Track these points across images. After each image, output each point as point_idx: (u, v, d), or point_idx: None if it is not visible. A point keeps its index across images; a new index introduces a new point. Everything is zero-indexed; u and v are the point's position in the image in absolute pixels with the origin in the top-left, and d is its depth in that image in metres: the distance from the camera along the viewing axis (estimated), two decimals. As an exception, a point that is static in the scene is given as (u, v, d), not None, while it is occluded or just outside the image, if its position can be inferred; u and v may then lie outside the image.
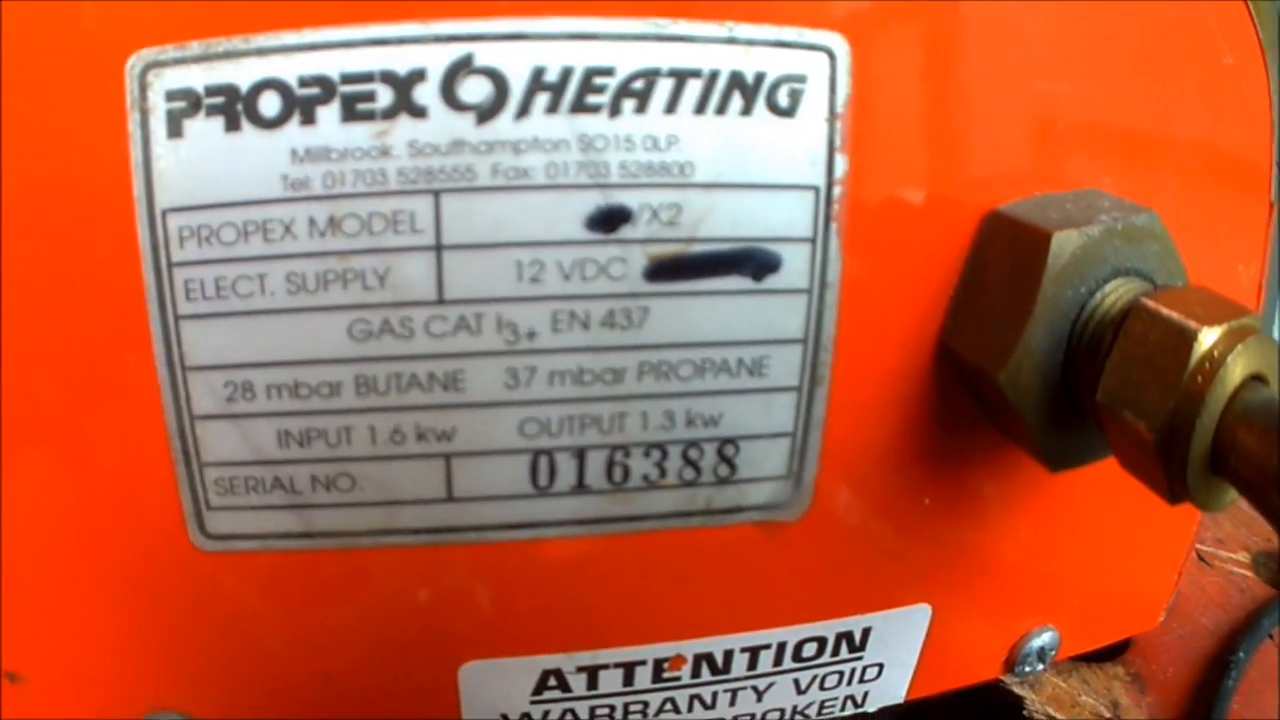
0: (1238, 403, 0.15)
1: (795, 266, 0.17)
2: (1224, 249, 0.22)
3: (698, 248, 0.17)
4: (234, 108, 0.16)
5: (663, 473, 0.19)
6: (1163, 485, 0.16)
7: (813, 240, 0.17)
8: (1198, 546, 0.34)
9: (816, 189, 0.17)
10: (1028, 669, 0.24)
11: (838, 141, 0.17)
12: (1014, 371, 0.16)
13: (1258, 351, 0.15)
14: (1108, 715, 0.26)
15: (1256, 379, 0.15)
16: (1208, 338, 0.15)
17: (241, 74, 0.16)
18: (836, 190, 0.17)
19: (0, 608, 0.19)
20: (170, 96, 0.16)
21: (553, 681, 0.20)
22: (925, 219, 0.18)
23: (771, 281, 0.17)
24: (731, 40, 0.16)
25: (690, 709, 0.21)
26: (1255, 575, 0.33)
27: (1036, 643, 0.23)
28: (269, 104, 0.16)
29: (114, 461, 0.18)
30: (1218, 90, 0.21)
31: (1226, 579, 0.33)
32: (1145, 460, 0.16)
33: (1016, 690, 0.25)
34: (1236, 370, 0.15)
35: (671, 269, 0.17)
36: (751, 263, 0.17)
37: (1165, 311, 0.15)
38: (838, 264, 0.17)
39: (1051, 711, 0.25)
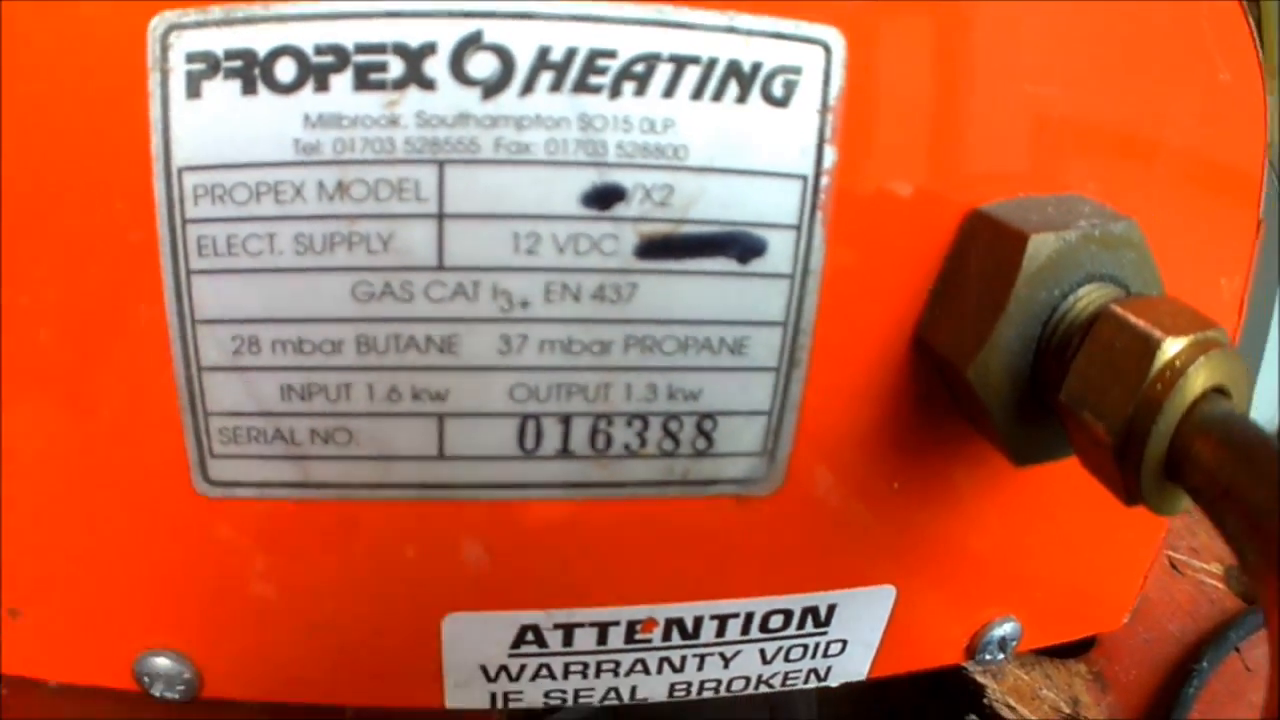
0: (1196, 413, 0.15)
1: (780, 252, 0.18)
2: (1207, 261, 0.23)
3: (687, 228, 0.18)
4: (251, 72, 0.17)
5: (643, 442, 0.19)
6: (1119, 486, 0.17)
7: (798, 227, 0.18)
8: (1171, 554, 0.34)
9: (805, 178, 0.18)
10: (988, 657, 0.24)
11: (828, 133, 0.18)
12: (982, 367, 0.17)
13: (1222, 364, 0.15)
14: (1067, 711, 0.27)
15: (1219, 391, 0.15)
16: (1171, 347, 0.15)
17: (260, 39, 0.16)
18: (824, 180, 0.18)
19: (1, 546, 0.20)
20: (190, 58, 0.17)
21: (530, 637, 0.21)
22: (910, 213, 0.18)
23: (756, 265, 0.18)
24: (731, 29, 0.17)
25: (659, 671, 0.22)
26: (1227, 587, 0.34)
27: (998, 632, 0.24)
28: (285, 69, 0.16)
29: (122, 408, 0.19)
30: (1211, 106, 0.21)
31: (1198, 589, 0.33)
32: (1103, 461, 0.17)
33: (979, 679, 0.26)
34: (1198, 381, 0.15)
35: (661, 248, 0.18)
36: (738, 246, 0.18)
37: (1132, 319, 0.16)
38: (821, 251, 0.18)
39: (1011, 702, 0.26)
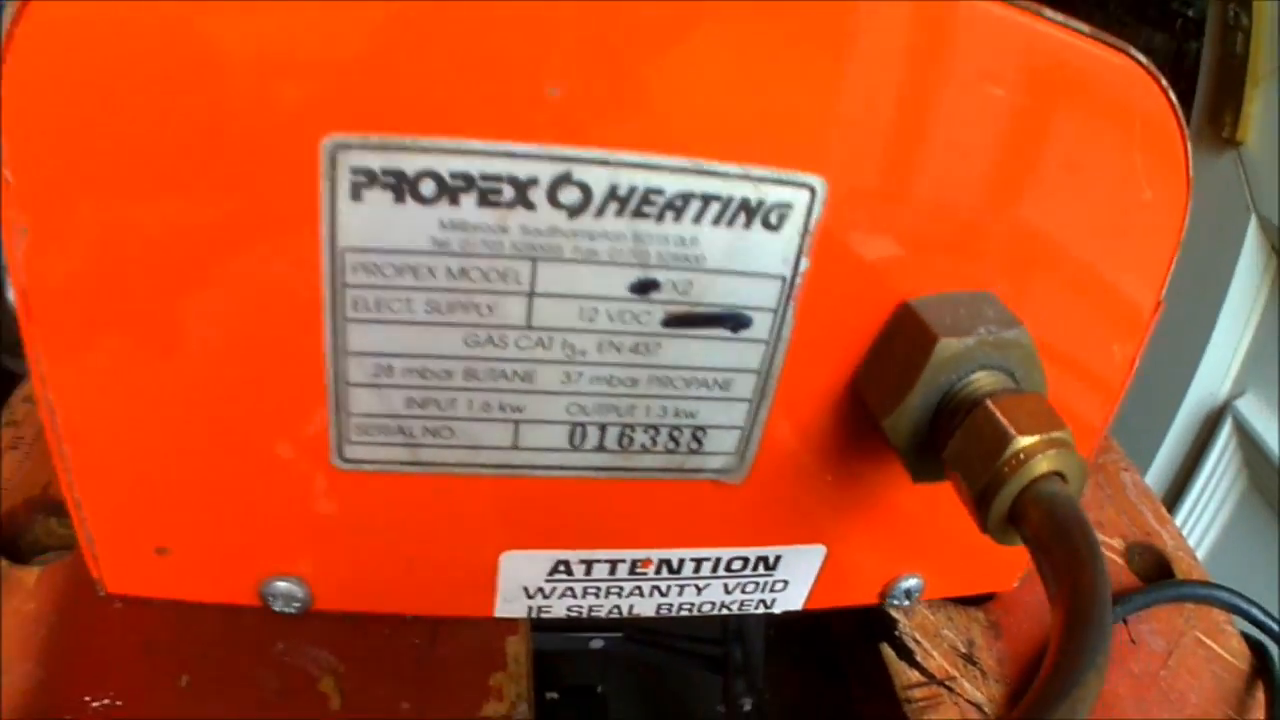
0: (1034, 488, 0.22)
1: (761, 325, 0.26)
2: (1105, 333, 0.29)
3: (699, 309, 0.25)
4: (401, 186, 0.23)
5: (654, 443, 0.27)
6: (975, 519, 0.24)
7: (775, 310, 0.26)
8: (1078, 527, 0.39)
9: (784, 278, 0.25)
10: (896, 602, 0.33)
11: (805, 248, 0.25)
12: (893, 422, 0.25)
13: (1062, 457, 0.23)
14: (963, 650, 0.33)
15: (1059, 475, 0.23)
16: (1021, 442, 0.23)
17: (409, 164, 0.23)
18: (798, 280, 0.25)
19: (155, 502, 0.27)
20: (354, 171, 0.23)
21: (562, 568, 0.30)
22: (856, 303, 0.26)
23: (743, 334, 0.26)
24: (746, 177, 0.24)
25: (651, 595, 0.31)
26: (1126, 564, 0.37)
27: (904, 584, 0.32)
28: (427, 187, 0.23)
29: (282, 409, 0.25)
30: (1129, 218, 0.27)
31: None
32: (967, 503, 0.24)
33: (893, 614, 0.34)
34: (1040, 467, 0.22)
35: (679, 321, 0.25)
36: (732, 321, 0.26)
37: (998, 415, 0.23)
38: (790, 326, 0.26)
39: (918, 637, 0.33)
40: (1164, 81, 0.26)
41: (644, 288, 0.25)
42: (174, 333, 0.24)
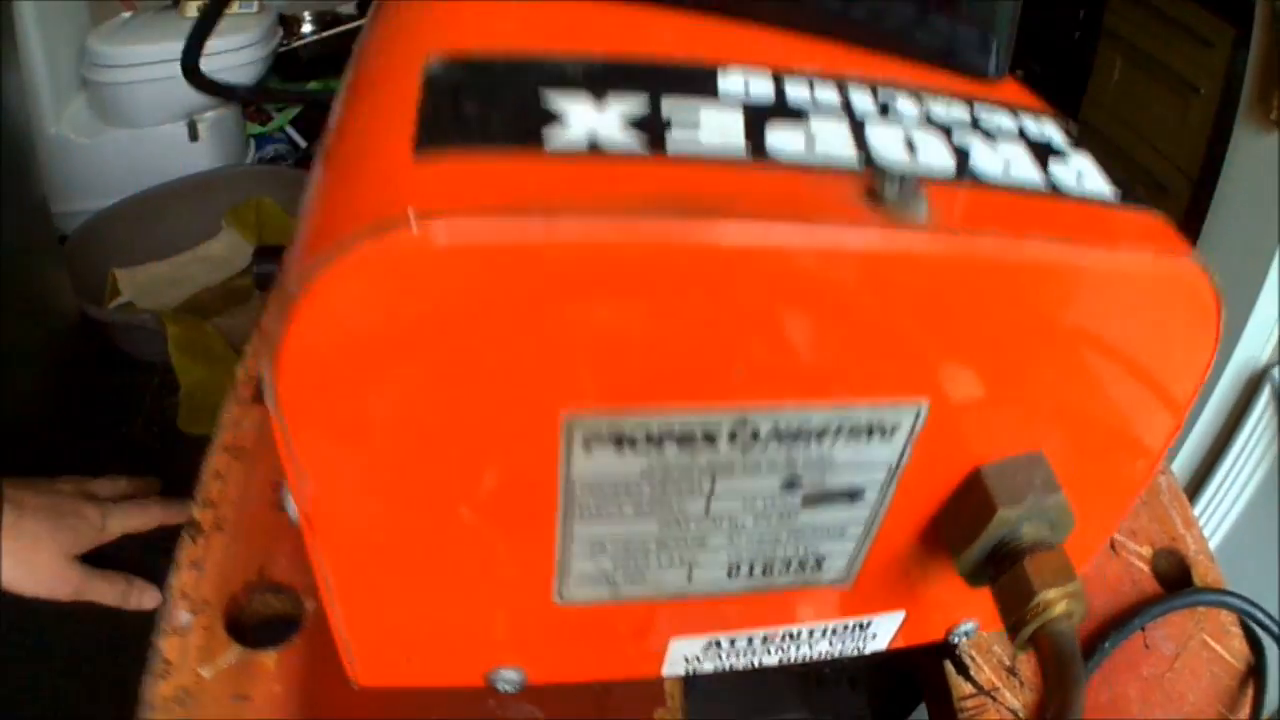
0: (1048, 625, 0.32)
1: (871, 497, 0.35)
2: (1131, 453, 0.36)
3: (827, 490, 0.34)
4: (621, 443, 0.31)
5: (787, 570, 0.37)
6: (1008, 636, 0.34)
7: (882, 485, 0.34)
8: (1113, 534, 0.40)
9: (890, 465, 0.34)
10: (956, 640, 0.43)
11: (909, 446, 0.33)
12: (960, 561, 0.35)
13: (1072, 603, 0.32)
14: (1008, 664, 0.41)
15: (1069, 614, 0.33)
16: (1044, 595, 0.32)
17: (628, 427, 0.31)
18: (902, 464, 0.34)
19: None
20: (585, 435, 0.30)
21: (714, 644, 0.40)
22: (943, 474, 0.35)
23: (858, 502, 0.35)
24: (873, 408, 0.32)
25: (775, 652, 0.41)
26: (1151, 571, 0.40)
27: (963, 628, 0.42)
28: (641, 443, 0.31)
29: (522, 572, 0.34)
30: (1163, 368, 0.33)
31: (1126, 569, 0.40)
32: (1003, 624, 0.35)
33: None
34: (1056, 610, 0.32)
35: (813, 500, 0.34)
36: (850, 496, 0.34)
37: (1030, 574, 0.33)
38: (892, 493, 0.35)
39: (973, 654, 0.41)
40: (1211, 271, 0.32)
41: (790, 484, 0.33)
42: (437, 539, 0.33)
